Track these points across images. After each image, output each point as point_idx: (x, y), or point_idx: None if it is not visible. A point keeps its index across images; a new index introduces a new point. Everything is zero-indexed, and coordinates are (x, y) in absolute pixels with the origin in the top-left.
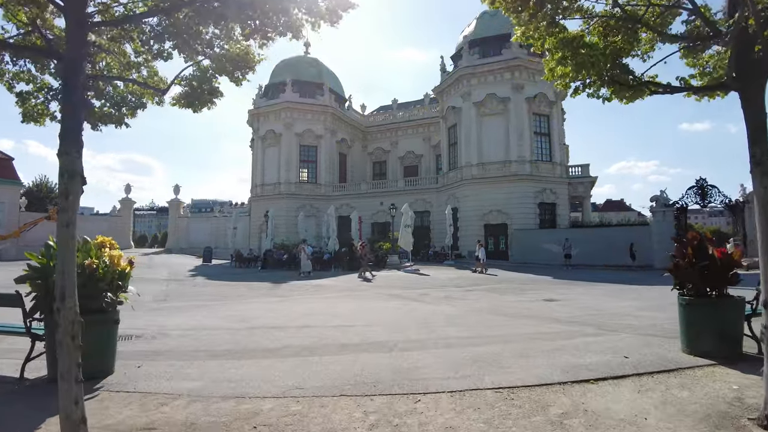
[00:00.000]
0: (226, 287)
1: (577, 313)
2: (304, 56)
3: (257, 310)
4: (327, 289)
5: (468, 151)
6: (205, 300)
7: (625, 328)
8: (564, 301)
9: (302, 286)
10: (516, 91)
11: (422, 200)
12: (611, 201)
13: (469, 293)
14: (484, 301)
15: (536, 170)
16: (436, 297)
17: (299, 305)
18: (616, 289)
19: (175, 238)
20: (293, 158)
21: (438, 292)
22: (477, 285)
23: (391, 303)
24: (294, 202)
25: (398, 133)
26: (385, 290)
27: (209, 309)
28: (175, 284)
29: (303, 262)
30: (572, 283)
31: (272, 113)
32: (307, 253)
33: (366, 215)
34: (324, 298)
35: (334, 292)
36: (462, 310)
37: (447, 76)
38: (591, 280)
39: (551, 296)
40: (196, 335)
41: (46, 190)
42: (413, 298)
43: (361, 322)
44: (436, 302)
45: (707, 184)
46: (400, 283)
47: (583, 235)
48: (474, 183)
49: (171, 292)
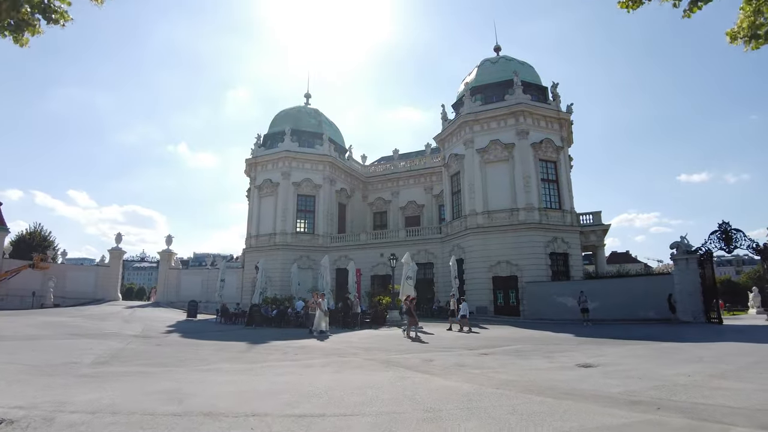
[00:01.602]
0: (191, 348)
1: (634, 386)
2: (304, 107)
3: (207, 382)
4: (312, 351)
5: (472, 199)
6: (154, 365)
7: (726, 413)
8: (605, 367)
9: (283, 348)
10: (521, 136)
11: (425, 251)
12: (616, 253)
13: (485, 358)
14: (507, 371)
15: (546, 218)
16: (445, 364)
17: (265, 376)
18: (656, 348)
19: (164, 291)
20: (290, 208)
21: (446, 357)
22: (493, 346)
23: (386, 374)
24: (290, 254)
25: (399, 183)
26: (381, 354)
27: (147, 378)
28: (138, 342)
29: (317, 318)
30: (600, 342)
31: (270, 162)
32: (323, 308)
33: (366, 267)
34: (303, 366)
35: (319, 356)
36: (481, 385)
37: (448, 124)
38: (619, 337)
39: (586, 360)
40: (90, 427)
41: (40, 237)
42: (415, 367)
43: (338, 408)
44: (445, 373)
45: (731, 228)
46: (399, 345)
47: (601, 287)
48: (480, 232)
49: (124, 352)
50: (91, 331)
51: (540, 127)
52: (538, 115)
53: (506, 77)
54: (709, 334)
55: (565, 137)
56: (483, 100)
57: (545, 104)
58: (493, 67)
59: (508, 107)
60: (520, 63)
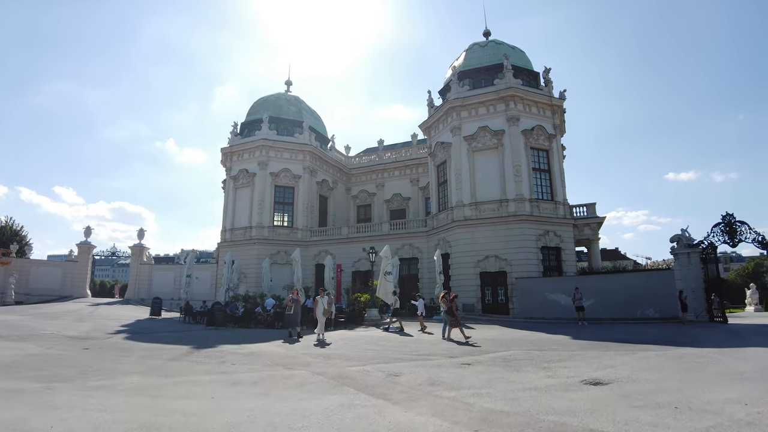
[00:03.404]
0: (119, 354)
1: (676, 422)
2: (284, 94)
3: (73, 409)
4: (257, 360)
5: (459, 189)
6: (42, 378)
7: None
8: (621, 385)
9: (226, 354)
10: (511, 123)
11: (409, 245)
12: (606, 250)
13: (466, 370)
14: (493, 392)
15: (537, 210)
16: (413, 382)
17: (162, 400)
18: (675, 357)
19: (135, 288)
20: (267, 200)
21: (418, 370)
22: (478, 353)
23: (328, 400)
24: (266, 249)
25: (384, 175)
26: (340, 364)
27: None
28: (65, 346)
29: (294, 317)
30: (604, 347)
31: (246, 151)
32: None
33: (347, 263)
34: (227, 385)
35: (261, 368)
36: (454, 423)
37: (435, 110)
38: (624, 340)
39: (593, 374)
40: None
41: (11, 232)
42: (372, 387)
43: None
44: (408, 398)
45: (736, 221)
46: (366, 351)
47: (597, 283)
48: (467, 225)
49: (30, 359)
50: (26, 331)
51: (531, 113)
52: (529, 100)
53: (496, 61)
54: (726, 336)
55: (557, 125)
56: (471, 85)
57: (537, 89)
58: (482, 51)
59: (497, 92)
60: (511, 47)
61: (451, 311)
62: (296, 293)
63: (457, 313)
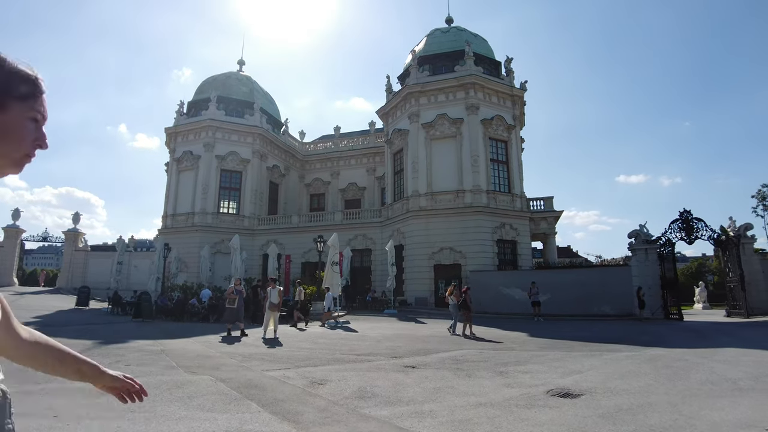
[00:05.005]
0: None
1: None
2: (235, 73)
3: None
4: (160, 361)
5: (416, 179)
6: None
7: None
8: (595, 397)
9: (129, 353)
10: (470, 111)
11: (363, 236)
12: (559, 248)
13: (408, 376)
14: (437, 409)
15: (494, 202)
16: (337, 395)
17: None
18: (646, 359)
19: (68, 276)
20: (212, 185)
21: (349, 375)
22: (426, 352)
23: (213, 425)
24: (210, 237)
25: (340, 163)
26: (258, 367)
27: None
28: None
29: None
30: (564, 346)
31: (192, 132)
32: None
33: (297, 254)
34: (93, 396)
35: (158, 370)
36: None
37: (393, 96)
38: (587, 339)
39: (560, 381)
40: None
41: None
42: (282, 402)
43: None
44: (324, 422)
45: (692, 218)
46: (299, 351)
47: (553, 278)
48: (422, 215)
49: None
50: None
51: (491, 102)
52: (489, 89)
53: (457, 47)
54: (690, 335)
55: (517, 116)
56: (431, 70)
57: (498, 78)
58: (443, 36)
59: (457, 79)
60: (473, 34)
61: (465, 305)
62: (239, 284)
63: (469, 307)
